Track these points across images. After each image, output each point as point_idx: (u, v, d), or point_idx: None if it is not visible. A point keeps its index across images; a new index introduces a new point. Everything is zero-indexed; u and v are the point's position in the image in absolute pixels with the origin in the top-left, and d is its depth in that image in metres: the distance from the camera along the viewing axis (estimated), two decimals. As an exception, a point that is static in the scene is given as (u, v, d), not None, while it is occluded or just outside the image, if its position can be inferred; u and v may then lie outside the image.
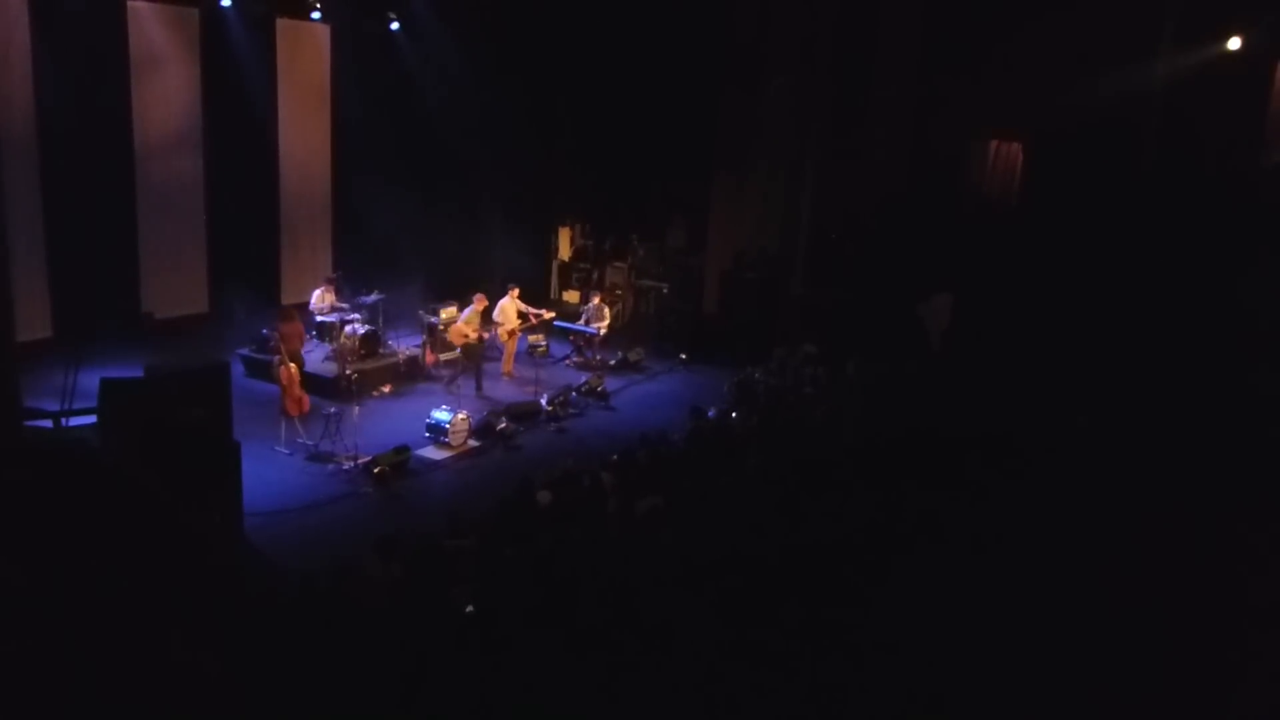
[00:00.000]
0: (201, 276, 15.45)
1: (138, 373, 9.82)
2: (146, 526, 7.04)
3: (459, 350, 14.23)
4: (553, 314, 15.36)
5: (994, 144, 16.26)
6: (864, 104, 16.13)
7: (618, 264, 18.94)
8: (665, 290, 18.28)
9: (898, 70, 15.94)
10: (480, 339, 14.07)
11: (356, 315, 14.44)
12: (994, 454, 9.77)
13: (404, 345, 14.95)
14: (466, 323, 14.10)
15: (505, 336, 14.76)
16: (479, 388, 14.01)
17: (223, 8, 14.93)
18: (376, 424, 12.51)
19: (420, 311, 15.16)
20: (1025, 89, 14.10)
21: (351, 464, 11.24)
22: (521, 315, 14.82)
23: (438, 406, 12.41)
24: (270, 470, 10.99)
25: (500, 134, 17.69)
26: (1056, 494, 9.06)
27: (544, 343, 15.96)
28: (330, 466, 11.28)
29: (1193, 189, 13.30)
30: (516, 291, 14.75)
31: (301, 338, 13.33)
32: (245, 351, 14.10)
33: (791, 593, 7.01)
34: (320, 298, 14.71)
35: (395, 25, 16.90)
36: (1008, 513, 8.61)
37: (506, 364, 14.98)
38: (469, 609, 6.78)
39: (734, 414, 11.90)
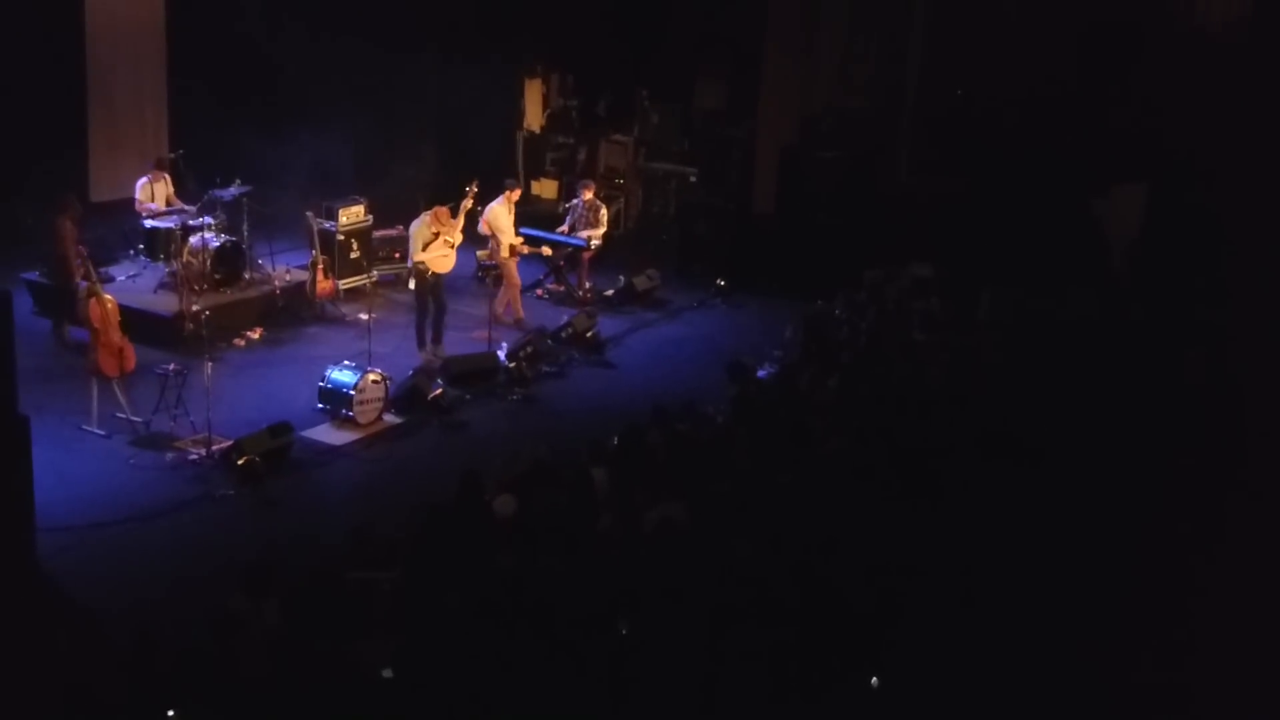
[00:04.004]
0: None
1: None
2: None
3: (411, 284, 14.13)
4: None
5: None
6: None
7: (618, 138, 18.92)
8: (693, 179, 18.24)
9: None
10: (435, 273, 13.81)
11: (208, 218, 14.43)
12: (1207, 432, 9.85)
13: (282, 266, 14.99)
14: (421, 234, 13.77)
15: (507, 254, 14.72)
16: (436, 340, 13.96)
17: None
18: (241, 390, 12.62)
19: (308, 214, 15.14)
20: None
21: (202, 452, 11.34)
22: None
23: (338, 363, 12.45)
24: (77, 462, 11.08)
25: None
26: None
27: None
28: (170, 456, 11.39)
29: None
30: (517, 192, 14.84)
31: (72, 244, 13.10)
32: (34, 276, 14.15)
33: (884, 653, 7.11)
34: (148, 190, 14.67)
35: None
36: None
37: (516, 302, 14.93)
38: (386, 674, 6.82)
39: (800, 373, 11.93)
